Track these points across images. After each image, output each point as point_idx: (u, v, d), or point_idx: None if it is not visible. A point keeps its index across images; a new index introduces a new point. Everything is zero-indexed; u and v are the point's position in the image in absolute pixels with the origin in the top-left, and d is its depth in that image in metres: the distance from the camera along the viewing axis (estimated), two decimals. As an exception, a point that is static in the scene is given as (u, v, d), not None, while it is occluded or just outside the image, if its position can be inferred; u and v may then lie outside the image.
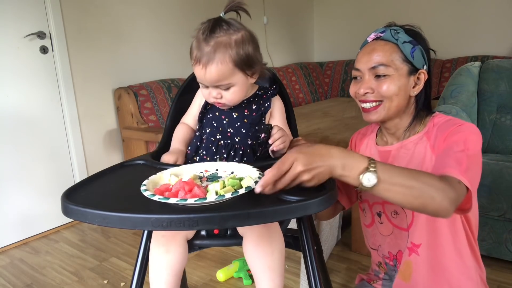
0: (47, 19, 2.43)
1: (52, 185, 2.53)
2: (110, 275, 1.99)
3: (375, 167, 0.74)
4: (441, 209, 0.76)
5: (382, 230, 1.07)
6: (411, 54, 0.95)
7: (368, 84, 0.96)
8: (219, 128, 1.00)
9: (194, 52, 0.90)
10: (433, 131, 0.96)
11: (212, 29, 0.89)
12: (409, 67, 0.95)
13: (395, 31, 0.96)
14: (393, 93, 0.95)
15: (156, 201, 0.69)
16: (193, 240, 0.96)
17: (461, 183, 0.80)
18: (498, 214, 1.75)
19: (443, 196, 0.75)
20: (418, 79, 0.97)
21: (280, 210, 0.67)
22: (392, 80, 0.94)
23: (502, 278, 1.76)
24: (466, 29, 3.49)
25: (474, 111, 2.16)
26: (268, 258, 0.88)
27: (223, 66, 0.88)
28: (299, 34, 4.38)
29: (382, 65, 0.94)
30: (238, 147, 0.99)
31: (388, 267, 1.09)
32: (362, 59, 0.98)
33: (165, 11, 3.02)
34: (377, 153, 1.07)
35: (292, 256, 1.96)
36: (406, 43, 0.95)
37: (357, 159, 0.75)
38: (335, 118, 2.83)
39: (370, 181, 0.73)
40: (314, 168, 0.72)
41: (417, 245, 0.99)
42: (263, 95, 1.02)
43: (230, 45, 0.89)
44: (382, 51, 0.95)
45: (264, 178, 0.71)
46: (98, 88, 2.73)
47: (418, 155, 0.98)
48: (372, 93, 0.96)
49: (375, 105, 0.98)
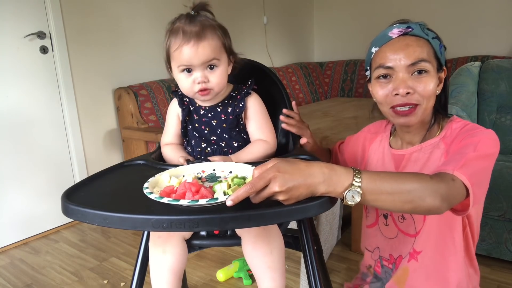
0: (47, 19, 2.43)
1: (52, 185, 2.52)
2: (110, 275, 1.99)
3: (359, 181, 0.71)
4: (432, 207, 0.73)
5: (387, 232, 1.04)
6: (440, 50, 0.90)
7: (408, 83, 0.88)
8: (202, 137, 1.01)
9: (178, 37, 0.90)
10: (451, 137, 0.91)
11: (192, 16, 0.92)
12: (437, 64, 0.90)
13: (423, 26, 0.91)
14: (432, 92, 0.89)
15: (157, 201, 0.69)
16: (193, 240, 0.96)
17: (455, 179, 0.76)
18: (498, 214, 1.75)
19: (431, 193, 0.72)
20: (440, 77, 0.93)
21: (280, 212, 0.67)
22: (431, 77, 0.88)
23: (502, 278, 1.76)
24: (466, 29, 3.49)
25: (474, 111, 2.16)
26: (267, 257, 0.89)
27: (214, 41, 0.91)
28: (299, 34, 4.37)
29: (424, 61, 0.87)
30: (226, 150, 0.99)
31: (384, 269, 1.06)
32: (395, 55, 0.88)
33: (165, 11, 3.01)
34: (390, 156, 1.02)
35: (292, 256, 1.96)
36: (435, 39, 0.90)
37: (340, 175, 0.71)
38: (335, 118, 2.83)
39: (355, 198, 0.71)
40: (292, 189, 0.68)
41: (417, 251, 0.96)
42: (237, 96, 1.01)
43: (215, 27, 0.93)
44: (419, 46, 0.88)
45: (236, 192, 0.67)
46: (98, 88, 2.72)
47: (433, 161, 0.92)
48: (413, 93, 0.88)
49: (412, 106, 0.90)
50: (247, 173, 0.80)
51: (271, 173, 0.68)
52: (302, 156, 0.92)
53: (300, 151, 0.99)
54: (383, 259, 1.06)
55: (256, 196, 0.69)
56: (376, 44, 0.93)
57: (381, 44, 0.92)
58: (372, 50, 0.95)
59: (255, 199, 0.69)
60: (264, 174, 0.68)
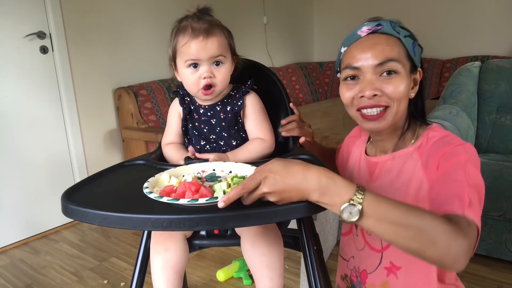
0: (47, 19, 2.43)
1: (52, 185, 2.53)
2: (110, 275, 1.99)
3: (362, 198, 0.64)
4: (446, 257, 0.63)
5: (357, 243, 0.96)
6: (413, 50, 0.84)
7: (375, 85, 0.81)
8: (201, 135, 1.02)
9: (187, 33, 0.92)
10: (426, 147, 0.84)
11: (200, 14, 0.95)
12: (410, 65, 0.84)
13: (395, 23, 0.84)
14: (403, 94, 0.82)
15: (156, 201, 0.69)
16: (193, 240, 0.96)
17: (471, 223, 0.66)
18: (498, 214, 1.75)
19: (450, 242, 0.62)
20: (415, 79, 0.86)
21: (279, 211, 0.67)
22: (401, 78, 0.81)
23: (502, 278, 1.76)
24: (466, 29, 3.49)
25: (474, 111, 2.16)
26: (265, 257, 0.89)
27: (222, 38, 0.94)
28: (299, 34, 4.37)
29: (393, 61, 0.80)
30: (224, 149, 1.00)
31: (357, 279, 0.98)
32: (362, 55, 0.82)
33: (165, 11, 3.01)
34: (365, 163, 0.96)
35: (292, 256, 1.96)
36: (407, 37, 0.83)
37: (340, 187, 0.65)
38: (335, 118, 2.83)
39: (352, 216, 0.64)
40: (282, 192, 0.65)
41: (397, 267, 0.88)
42: (236, 95, 1.02)
43: (221, 26, 0.96)
44: (388, 45, 0.81)
45: (228, 194, 0.66)
46: (98, 88, 2.73)
47: (406, 172, 0.85)
48: (381, 95, 0.81)
49: (381, 110, 0.83)
50: (247, 172, 0.80)
51: (262, 174, 0.67)
52: (302, 156, 0.92)
53: (300, 151, 0.98)
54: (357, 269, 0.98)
55: (247, 197, 0.68)
56: (345, 43, 0.88)
57: (350, 43, 0.86)
58: (341, 50, 0.89)
59: (246, 201, 0.68)
60: (256, 175, 0.67)
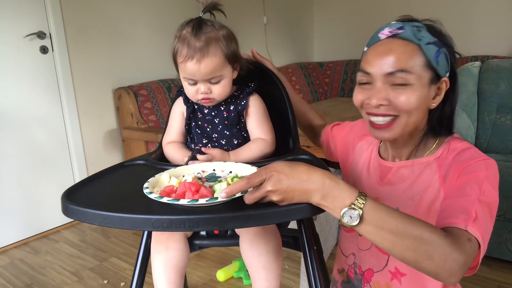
0: (47, 19, 2.43)
1: (52, 185, 2.53)
2: (110, 275, 1.99)
3: (363, 203, 0.64)
4: (441, 270, 0.64)
5: (360, 243, 0.95)
6: (435, 58, 0.77)
7: (383, 94, 0.78)
8: (204, 134, 1.02)
9: (184, 49, 0.91)
10: (447, 159, 0.81)
11: (199, 26, 0.93)
12: (431, 75, 0.78)
13: (417, 28, 0.78)
14: (413, 106, 0.77)
15: (157, 201, 0.69)
16: (193, 240, 0.96)
17: (471, 238, 0.66)
18: (498, 214, 1.74)
19: (446, 256, 0.63)
20: (439, 88, 0.80)
21: (280, 212, 0.67)
22: (413, 90, 0.76)
23: (502, 278, 1.76)
24: (466, 29, 3.49)
25: (474, 111, 2.16)
26: (263, 257, 0.89)
27: (216, 58, 0.92)
28: (299, 34, 4.37)
29: (402, 71, 0.76)
30: (226, 148, 1.00)
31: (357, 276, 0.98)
32: (375, 61, 0.79)
33: (165, 11, 3.02)
34: (377, 165, 0.93)
35: (292, 256, 1.96)
36: (430, 45, 0.77)
37: (342, 191, 0.66)
38: (335, 118, 2.82)
39: (352, 220, 0.64)
40: (285, 191, 0.66)
41: (401, 273, 0.87)
42: (239, 95, 1.03)
43: (220, 40, 0.93)
44: (402, 53, 0.76)
45: (231, 186, 0.67)
46: (98, 88, 2.72)
47: (422, 182, 0.83)
48: (388, 105, 0.78)
49: (389, 120, 0.80)
50: (247, 173, 0.79)
51: (268, 172, 0.67)
52: (303, 156, 0.92)
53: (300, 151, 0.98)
54: (357, 266, 0.98)
55: (250, 195, 0.68)
56: (368, 43, 0.85)
57: (370, 44, 0.83)
58: (364, 49, 0.86)
59: (248, 199, 0.68)
60: (262, 171, 0.68)
